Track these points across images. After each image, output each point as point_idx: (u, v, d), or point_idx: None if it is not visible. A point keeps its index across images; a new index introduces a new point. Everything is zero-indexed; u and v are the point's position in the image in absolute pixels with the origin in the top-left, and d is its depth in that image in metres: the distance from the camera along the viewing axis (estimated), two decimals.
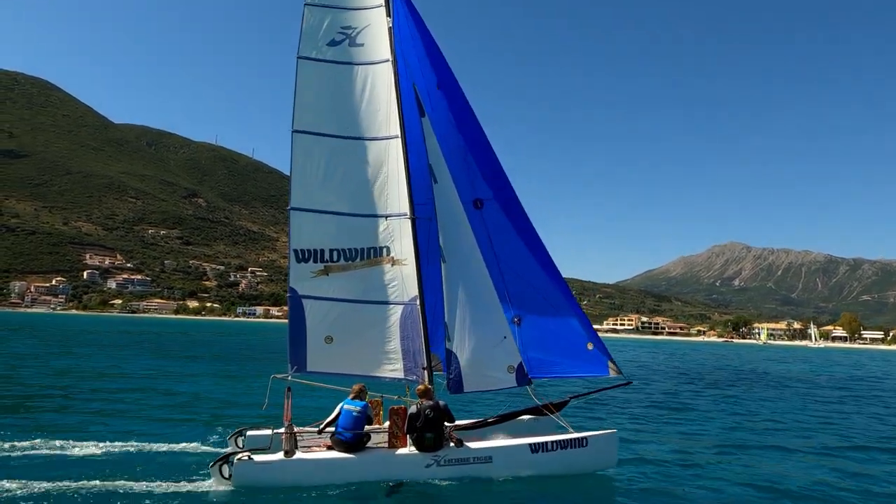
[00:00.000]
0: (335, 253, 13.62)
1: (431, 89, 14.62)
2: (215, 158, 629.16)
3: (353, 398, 12.29)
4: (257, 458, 11.42)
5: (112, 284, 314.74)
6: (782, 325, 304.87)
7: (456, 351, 13.86)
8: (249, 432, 13.67)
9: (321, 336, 13.46)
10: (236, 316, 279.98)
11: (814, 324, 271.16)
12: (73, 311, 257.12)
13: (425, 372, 13.53)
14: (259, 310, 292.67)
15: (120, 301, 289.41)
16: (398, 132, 13.99)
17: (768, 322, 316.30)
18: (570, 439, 12.62)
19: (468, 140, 14.67)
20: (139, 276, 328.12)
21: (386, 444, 12.38)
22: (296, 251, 13.53)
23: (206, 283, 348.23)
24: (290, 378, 13.22)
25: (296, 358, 13.43)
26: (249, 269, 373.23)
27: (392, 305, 13.64)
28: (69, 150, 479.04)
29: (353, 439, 11.86)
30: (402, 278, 13.66)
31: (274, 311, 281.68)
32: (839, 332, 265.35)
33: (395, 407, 12.40)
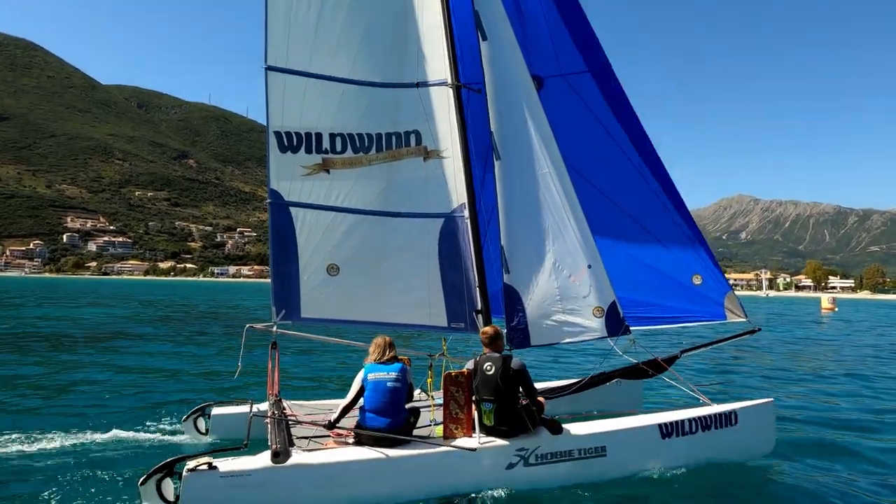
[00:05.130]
0: (338, 139, 8.94)
1: None
2: (208, 118, 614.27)
3: (380, 360, 7.42)
4: (224, 465, 6.29)
5: (92, 247, 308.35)
6: (750, 275, 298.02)
7: (517, 287, 9.31)
8: (216, 410, 9.20)
9: (321, 264, 8.91)
10: (206, 276, 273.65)
11: (765, 274, 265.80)
12: (47, 275, 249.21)
13: (479, 317, 9.04)
14: (231, 269, 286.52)
15: (95, 263, 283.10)
16: None
17: (741, 273, 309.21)
18: (714, 415, 8.15)
19: None
20: (121, 239, 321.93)
21: (438, 426, 7.71)
22: (278, 134, 8.80)
23: (192, 244, 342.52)
24: (275, 329, 8.71)
25: (283, 298, 8.89)
26: (238, 230, 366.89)
27: (427, 219, 9.08)
28: (54, 113, 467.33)
29: (394, 425, 7.05)
30: (443, 178, 9.05)
31: (244, 270, 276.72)
32: (808, 281, 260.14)
33: (454, 372, 7.45)
